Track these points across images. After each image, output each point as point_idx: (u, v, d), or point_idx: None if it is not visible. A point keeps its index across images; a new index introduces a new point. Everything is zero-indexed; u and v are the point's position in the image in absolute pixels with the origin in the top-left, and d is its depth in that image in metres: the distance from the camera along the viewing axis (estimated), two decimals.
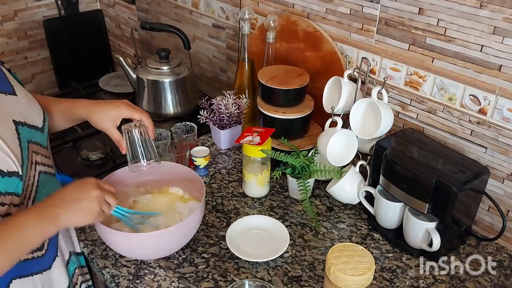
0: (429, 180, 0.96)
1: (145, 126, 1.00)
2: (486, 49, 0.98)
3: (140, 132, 0.99)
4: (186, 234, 1.01)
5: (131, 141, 0.99)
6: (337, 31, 1.25)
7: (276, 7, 1.40)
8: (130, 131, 0.99)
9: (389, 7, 1.11)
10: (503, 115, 1.00)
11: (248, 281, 0.88)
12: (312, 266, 1.02)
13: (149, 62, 1.57)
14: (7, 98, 0.82)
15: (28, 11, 2.08)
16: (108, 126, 0.99)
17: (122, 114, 0.99)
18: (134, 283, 0.97)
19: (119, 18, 2.19)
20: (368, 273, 0.85)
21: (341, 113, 1.20)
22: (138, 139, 0.99)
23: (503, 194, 1.06)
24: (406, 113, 1.19)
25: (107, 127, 0.99)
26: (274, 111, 1.26)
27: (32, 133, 0.84)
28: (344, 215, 1.18)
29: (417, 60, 1.11)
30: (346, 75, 1.18)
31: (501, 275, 1.01)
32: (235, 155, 1.40)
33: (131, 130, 0.99)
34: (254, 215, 1.15)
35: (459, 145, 1.11)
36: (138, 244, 0.96)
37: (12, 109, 0.81)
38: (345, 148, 1.16)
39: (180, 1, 1.77)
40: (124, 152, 1.00)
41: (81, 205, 0.81)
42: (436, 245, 0.99)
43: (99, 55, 2.33)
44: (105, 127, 0.99)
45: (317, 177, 1.17)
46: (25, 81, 2.14)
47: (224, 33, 1.65)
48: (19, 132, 0.80)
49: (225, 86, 1.69)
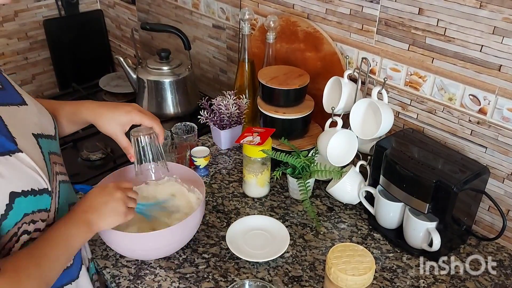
0: (429, 180, 0.96)
1: (155, 133, 0.95)
2: (485, 49, 0.98)
3: (149, 138, 0.94)
4: (186, 234, 1.01)
5: (140, 148, 0.95)
6: (337, 32, 1.26)
7: (276, 8, 1.40)
8: (139, 138, 0.94)
9: (389, 8, 1.11)
10: (503, 115, 1.00)
11: (249, 281, 0.88)
12: (312, 266, 1.02)
13: (149, 63, 1.57)
14: (20, 110, 0.78)
15: (28, 12, 2.08)
16: (116, 132, 0.93)
17: (132, 120, 0.94)
18: (134, 283, 0.97)
19: (119, 19, 2.19)
20: (369, 273, 0.85)
21: (341, 113, 1.20)
22: (148, 146, 0.95)
23: (503, 193, 1.06)
24: (406, 113, 1.19)
25: (115, 133, 0.93)
26: (274, 111, 1.26)
27: (49, 143, 0.81)
28: (345, 215, 1.18)
29: (417, 60, 1.11)
30: (346, 76, 1.18)
31: (501, 274, 1.01)
32: (236, 155, 1.40)
33: (140, 137, 0.94)
34: (255, 215, 1.15)
35: (459, 145, 1.11)
36: (138, 244, 0.96)
37: (27, 121, 0.78)
38: (345, 148, 1.16)
39: (180, 2, 1.77)
40: (133, 160, 0.96)
41: (109, 207, 0.83)
42: (437, 245, 0.99)
43: (100, 55, 2.33)
44: (113, 133, 0.93)
45: (318, 177, 1.18)
46: (25, 82, 2.16)
47: (224, 34, 1.65)
48: (40, 145, 0.76)
49: (225, 87, 1.69)
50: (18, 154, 0.70)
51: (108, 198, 0.84)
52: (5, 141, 0.69)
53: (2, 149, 0.68)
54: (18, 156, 0.69)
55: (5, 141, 0.69)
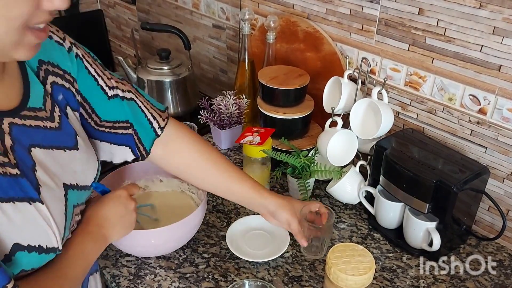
0: (429, 180, 0.96)
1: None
2: (485, 49, 0.98)
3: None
4: (186, 233, 1.01)
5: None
6: (337, 32, 1.26)
7: (276, 8, 1.40)
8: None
9: (389, 8, 1.11)
10: (502, 115, 1.00)
11: (249, 281, 0.88)
12: (312, 266, 1.02)
13: (149, 63, 1.57)
14: (65, 155, 0.72)
15: None
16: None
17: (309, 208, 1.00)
18: (134, 283, 0.97)
19: (119, 19, 2.19)
20: (369, 273, 0.85)
21: (341, 113, 1.20)
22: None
23: (503, 194, 1.06)
24: (406, 113, 1.19)
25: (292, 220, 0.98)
26: (274, 111, 1.26)
27: (80, 195, 0.76)
28: (345, 215, 1.18)
29: (417, 60, 1.11)
30: (346, 76, 1.18)
31: (501, 274, 1.01)
32: (236, 155, 1.40)
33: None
34: (255, 215, 1.15)
35: (459, 145, 1.11)
36: (139, 240, 0.96)
37: (66, 169, 0.72)
38: (345, 148, 1.16)
39: (180, 2, 1.77)
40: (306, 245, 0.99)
41: (124, 221, 0.85)
42: (436, 245, 0.99)
43: (100, 55, 2.28)
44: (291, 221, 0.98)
45: (317, 177, 1.18)
46: None
47: (224, 34, 1.65)
48: (67, 197, 0.70)
49: (225, 87, 1.69)
50: (38, 204, 0.63)
51: (123, 211, 0.85)
52: (29, 187, 0.63)
53: (23, 194, 0.62)
54: (37, 206, 0.63)
55: (29, 187, 0.63)
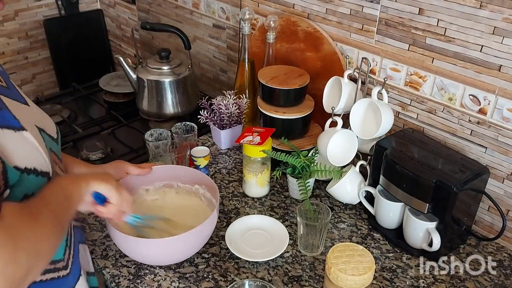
0: (429, 180, 0.96)
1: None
2: (486, 49, 0.98)
3: None
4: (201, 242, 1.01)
5: None
6: (337, 32, 1.26)
7: (276, 8, 1.40)
8: None
9: (389, 8, 1.11)
10: (503, 115, 1.00)
11: (249, 281, 0.88)
12: (312, 266, 1.02)
13: (149, 62, 1.57)
14: (22, 106, 0.76)
15: (29, 11, 2.08)
16: None
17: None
18: (134, 283, 0.97)
19: (119, 18, 2.19)
20: (369, 272, 0.85)
21: (341, 113, 1.20)
22: None
23: (503, 194, 1.06)
24: (406, 113, 1.19)
25: None
26: (274, 111, 1.26)
27: (51, 142, 0.78)
28: (345, 215, 1.18)
29: (417, 60, 1.11)
30: (346, 75, 1.18)
31: (501, 274, 1.01)
32: (235, 155, 1.40)
33: None
34: (255, 215, 1.15)
35: (459, 145, 1.11)
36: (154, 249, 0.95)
37: (30, 117, 0.75)
38: (345, 148, 1.16)
39: (180, 2, 1.77)
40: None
41: (102, 175, 0.85)
42: (436, 245, 0.99)
43: (100, 55, 2.33)
44: None
45: (318, 177, 1.18)
46: (25, 81, 2.16)
47: (224, 34, 1.65)
48: (43, 137, 0.73)
49: (225, 86, 1.69)
50: (23, 132, 0.64)
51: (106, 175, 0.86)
52: (10, 117, 0.63)
53: (5, 123, 0.62)
54: (23, 133, 0.64)
55: (10, 117, 0.63)
